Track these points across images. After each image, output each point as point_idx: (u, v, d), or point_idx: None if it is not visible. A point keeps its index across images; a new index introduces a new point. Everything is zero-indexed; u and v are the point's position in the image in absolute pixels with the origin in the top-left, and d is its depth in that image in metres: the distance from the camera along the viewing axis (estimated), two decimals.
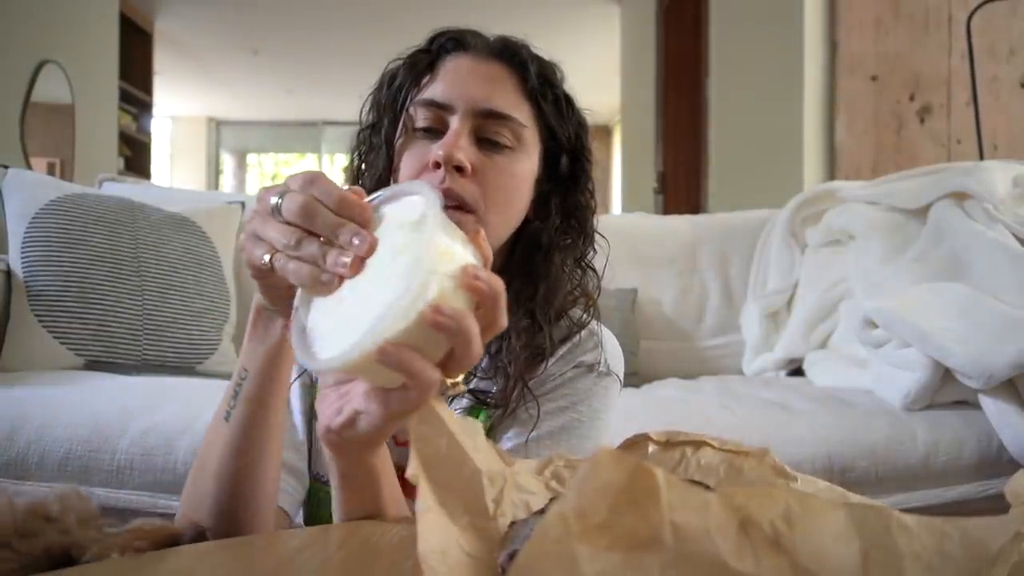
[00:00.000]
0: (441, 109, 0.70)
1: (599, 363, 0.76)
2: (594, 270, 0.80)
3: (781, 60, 2.90)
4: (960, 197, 1.68)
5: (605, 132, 8.41)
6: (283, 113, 8.94)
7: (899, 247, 1.75)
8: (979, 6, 2.28)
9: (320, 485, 0.78)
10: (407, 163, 0.71)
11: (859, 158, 2.71)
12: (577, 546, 0.25)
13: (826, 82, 2.77)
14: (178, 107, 8.47)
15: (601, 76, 5.78)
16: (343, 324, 0.43)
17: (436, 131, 0.70)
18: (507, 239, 0.75)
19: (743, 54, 3.27)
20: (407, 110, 0.72)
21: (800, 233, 2.08)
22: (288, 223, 0.46)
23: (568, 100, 0.77)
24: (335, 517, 0.57)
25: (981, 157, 2.24)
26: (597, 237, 0.80)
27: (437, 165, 0.67)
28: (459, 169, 0.67)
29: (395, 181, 0.73)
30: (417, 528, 0.34)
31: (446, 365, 0.43)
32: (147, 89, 5.45)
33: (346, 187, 0.47)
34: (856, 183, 2.05)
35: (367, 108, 0.77)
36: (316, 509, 0.79)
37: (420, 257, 0.41)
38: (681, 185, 4.04)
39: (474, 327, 0.42)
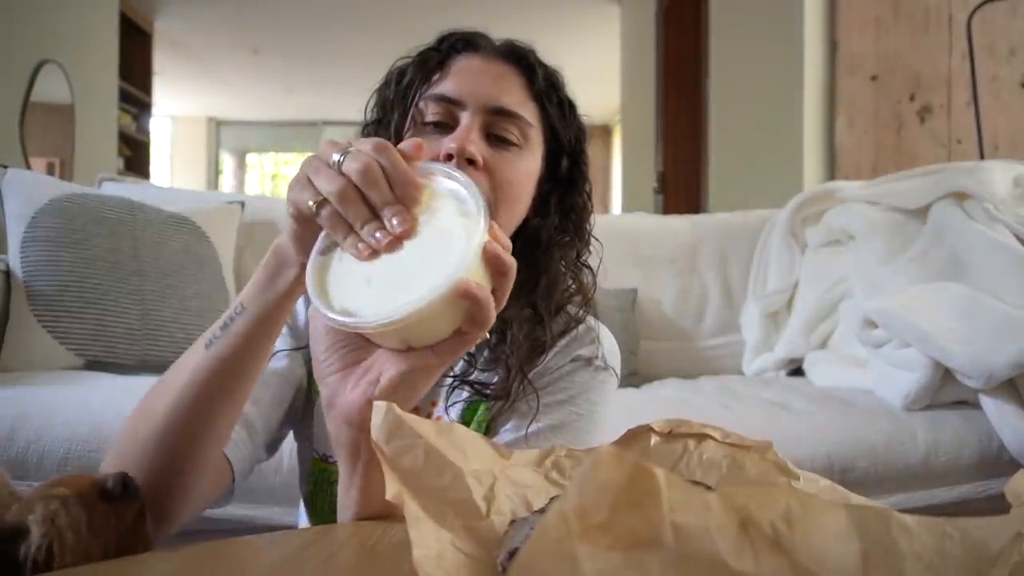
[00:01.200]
0: (452, 104, 0.72)
1: (596, 357, 0.77)
2: (590, 268, 0.82)
3: (781, 60, 2.90)
4: (960, 197, 1.68)
5: (605, 132, 8.42)
6: (283, 113, 8.94)
7: (899, 247, 1.75)
8: (979, 6, 2.28)
9: (325, 464, 0.78)
10: None
11: (859, 158, 2.71)
12: (578, 545, 0.25)
13: (826, 82, 2.77)
14: (178, 107, 8.47)
15: (601, 76, 5.78)
16: (384, 284, 0.47)
17: (446, 125, 0.72)
18: (510, 235, 0.76)
19: (743, 54, 3.27)
20: (416, 105, 0.74)
21: (800, 233, 2.09)
22: (343, 175, 0.48)
23: (571, 105, 0.80)
24: (348, 502, 0.56)
25: (981, 157, 2.24)
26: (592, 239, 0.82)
27: (449, 157, 0.69)
28: (470, 162, 0.69)
29: None
30: (410, 537, 0.34)
31: None
32: (147, 89, 5.45)
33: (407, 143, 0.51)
34: (856, 183, 2.05)
35: (372, 104, 0.79)
36: (318, 489, 0.79)
37: (473, 205, 0.48)
38: (681, 185, 4.04)
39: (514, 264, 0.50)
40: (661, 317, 2.11)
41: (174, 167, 8.98)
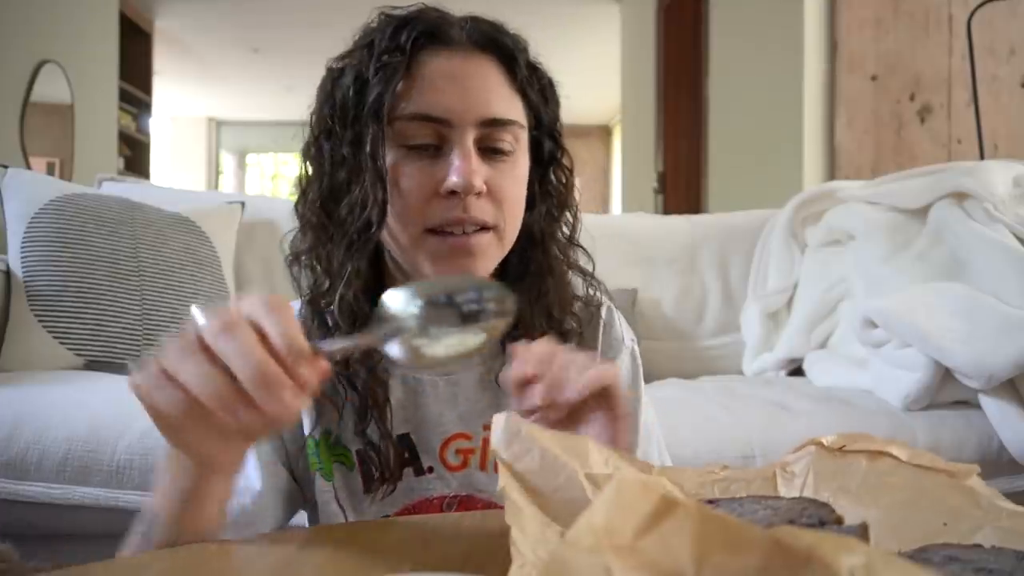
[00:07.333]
0: (438, 124, 0.64)
1: (628, 337, 0.80)
2: (583, 248, 0.77)
3: (781, 60, 2.90)
4: (960, 197, 1.67)
5: (605, 132, 8.41)
6: (283, 113, 8.91)
7: (899, 247, 1.74)
8: (979, 6, 2.28)
9: None
10: (413, 190, 0.65)
11: (859, 158, 2.71)
12: (611, 558, 0.24)
13: (826, 82, 2.76)
14: (178, 107, 8.47)
15: (601, 76, 5.78)
16: None
17: (433, 147, 0.65)
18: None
19: (743, 54, 3.27)
20: (392, 125, 0.64)
21: (800, 233, 2.08)
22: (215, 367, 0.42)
23: (551, 84, 0.72)
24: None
25: (981, 157, 2.24)
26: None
27: (452, 193, 0.63)
28: (476, 194, 0.64)
29: (392, 205, 0.66)
30: (512, 521, 0.34)
31: None
32: (147, 89, 5.45)
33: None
34: (856, 183, 2.05)
35: (317, 112, 0.69)
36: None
37: None
38: (681, 185, 4.03)
39: None
40: (661, 317, 2.11)
41: (174, 167, 8.98)
